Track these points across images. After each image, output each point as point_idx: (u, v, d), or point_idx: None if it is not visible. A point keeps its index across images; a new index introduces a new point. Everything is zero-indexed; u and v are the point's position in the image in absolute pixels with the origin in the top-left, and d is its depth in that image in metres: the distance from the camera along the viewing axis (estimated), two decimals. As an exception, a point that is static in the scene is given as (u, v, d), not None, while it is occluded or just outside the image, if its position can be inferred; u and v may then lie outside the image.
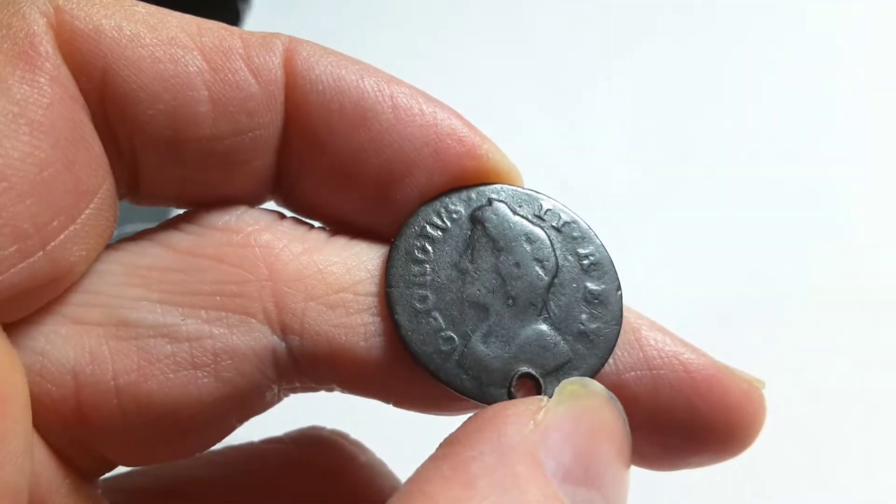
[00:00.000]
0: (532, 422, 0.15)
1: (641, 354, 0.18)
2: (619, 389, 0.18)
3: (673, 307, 0.40)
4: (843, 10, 0.54)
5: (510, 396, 0.17)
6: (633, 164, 0.48)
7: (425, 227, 0.18)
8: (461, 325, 0.18)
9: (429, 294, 0.18)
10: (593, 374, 0.18)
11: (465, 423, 0.16)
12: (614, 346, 0.18)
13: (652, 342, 0.18)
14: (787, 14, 0.55)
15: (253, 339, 0.17)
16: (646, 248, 0.43)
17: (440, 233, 0.18)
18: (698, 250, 0.44)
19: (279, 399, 0.19)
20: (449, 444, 0.15)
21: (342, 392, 0.19)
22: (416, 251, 0.18)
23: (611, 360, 0.18)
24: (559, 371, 0.18)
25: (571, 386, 0.16)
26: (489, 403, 0.17)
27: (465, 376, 0.17)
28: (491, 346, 0.18)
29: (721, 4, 0.56)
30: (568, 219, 0.19)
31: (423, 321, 0.18)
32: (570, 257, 0.19)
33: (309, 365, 0.18)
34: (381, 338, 0.18)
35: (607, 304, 0.18)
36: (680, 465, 0.19)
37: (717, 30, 0.55)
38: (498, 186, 0.19)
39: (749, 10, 0.55)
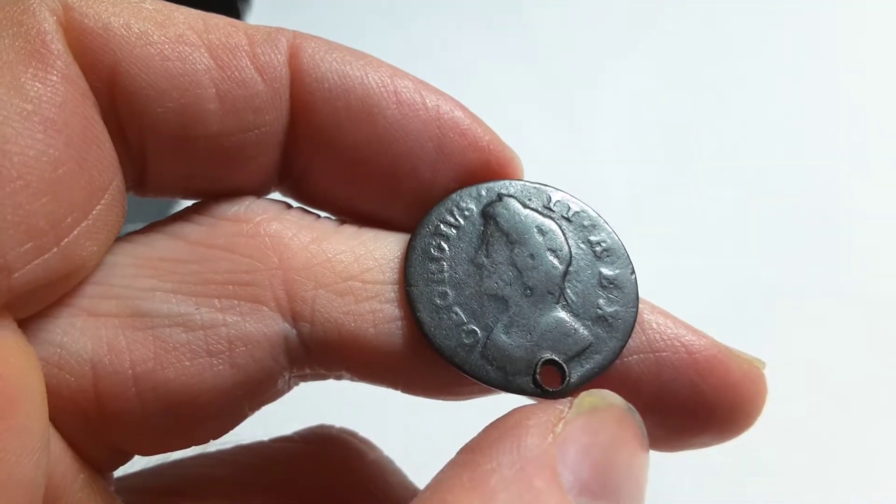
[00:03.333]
0: (551, 434, 0.15)
1: (644, 337, 0.18)
2: (622, 372, 0.18)
3: (672, 306, 0.40)
4: (845, 11, 0.54)
5: (535, 384, 0.18)
6: (634, 162, 0.49)
7: (439, 225, 0.19)
8: (482, 318, 0.18)
9: (448, 290, 0.18)
10: (615, 356, 0.18)
11: (485, 430, 0.16)
12: (633, 327, 0.18)
13: (654, 325, 0.19)
14: (788, 13, 0.55)
15: (265, 326, 0.17)
16: (646, 248, 0.43)
17: (454, 230, 0.19)
18: (698, 249, 0.44)
19: (290, 387, 0.19)
20: (469, 451, 0.15)
21: (351, 380, 0.19)
22: (432, 249, 0.19)
23: None
24: (581, 356, 0.18)
25: (590, 398, 0.17)
26: (515, 392, 0.18)
27: (490, 367, 0.18)
28: (513, 336, 0.18)
29: (723, 3, 0.56)
30: (577, 208, 0.19)
31: (445, 317, 0.18)
32: (582, 245, 0.19)
33: (319, 351, 0.18)
34: (390, 324, 0.18)
35: (623, 288, 0.19)
36: (683, 445, 0.19)
37: (718, 27, 0.55)
38: (507, 182, 0.19)
39: (751, 9, 0.55)
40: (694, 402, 0.18)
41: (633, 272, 0.19)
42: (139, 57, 0.17)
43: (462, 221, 0.19)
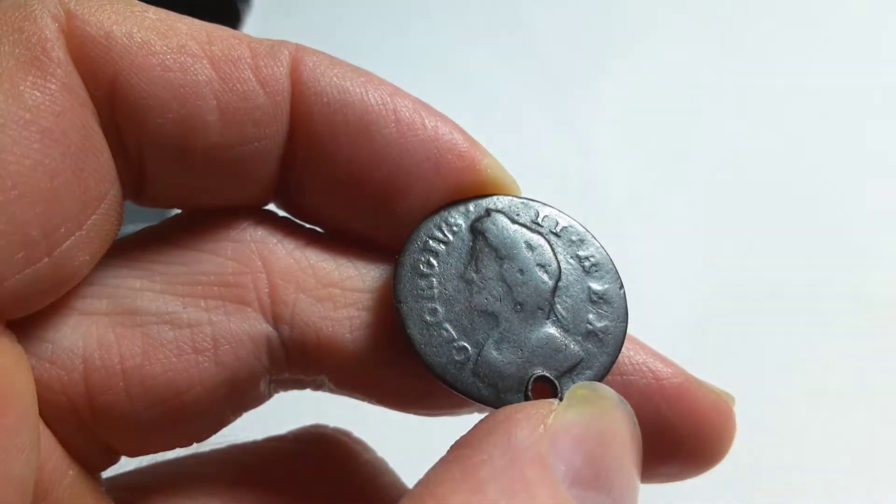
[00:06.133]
0: (542, 425, 0.15)
1: None
2: None
3: (673, 307, 0.40)
4: (845, 11, 0.54)
5: (527, 400, 0.17)
6: (632, 164, 0.49)
7: (428, 241, 0.19)
8: (473, 335, 0.18)
9: (438, 307, 0.18)
10: (606, 371, 0.18)
11: (476, 426, 0.16)
12: (623, 342, 0.18)
13: (623, 350, 0.19)
14: (788, 13, 0.55)
15: (249, 325, 0.18)
16: (645, 249, 0.43)
17: (443, 246, 0.19)
18: (698, 250, 0.44)
19: (270, 394, 0.20)
20: (460, 446, 0.15)
21: (329, 389, 0.20)
22: (420, 265, 0.19)
23: None
24: (573, 371, 0.18)
25: (581, 390, 0.17)
26: None
27: (481, 384, 0.18)
28: (504, 353, 0.18)
29: (722, 3, 0.56)
30: (565, 223, 0.19)
31: (435, 333, 0.18)
32: (571, 260, 0.19)
33: (297, 354, 0.18)
34: (366, 331, 0.18)
35: (612, 303, 0.19)
36: (650, 475, 0.19)
37: (717, 28, 0.55)
38: (495, 197, 0.19)
39: (750, 9, 0.55)
40: (660, 430, 0.18)
41: (621, 287, 0.19)
42: (140, 67, 0.16)
43: (451, 237, 0.19)
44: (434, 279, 0.18)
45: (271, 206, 0.20)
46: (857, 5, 0.54)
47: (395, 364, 0.19)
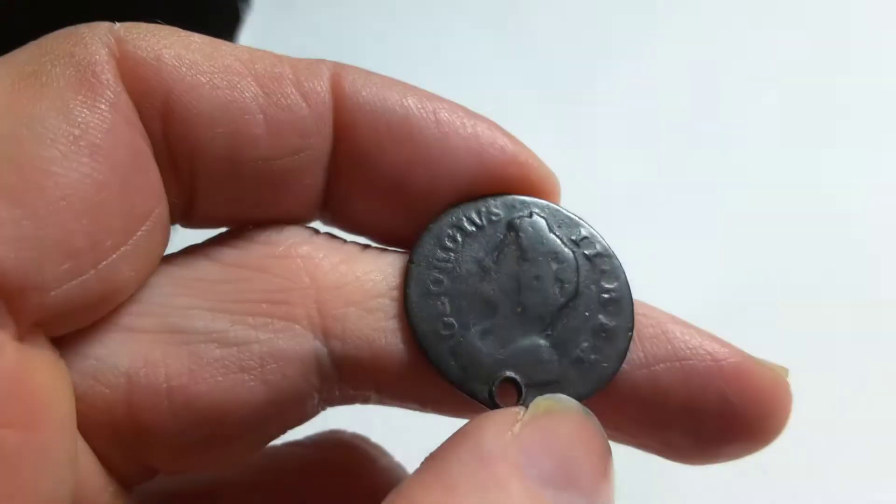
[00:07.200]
0: (510, 432, 0.16)
1: (669, 346, 0.19)
2: (650, 382, 0.18)
3: (672, 307, 0.41)
4: (847, 11, 0.54)
5: (490, 395, 0.18)
6: (634, 163, 0.49)
7: (462, 219, 0.19)
8: (465, 316, 0.18)
9: (444, 279, 0.19)
10: (577, 399, 0.18)
11: (446, 439, 0.16)
12: (607, 381, 0.18)
13: (678, 334, 0.19)
14: (790, 12, 0.55)
15: (297, 343, 0.18)
16: (645, 248, 0.44)
17: (474, 228, 0.19)
18: (698, 250, 0.44)
19: (317, 411, 0.20)
20: (430, 458, 0.16)
21: (378, 401, 0.20)
22: (446, 239, 0.19)
23: (640, 353, 0.19)
24: (543, 387, 0.18)
25: (545, 402, 0.17)
26: (467, 394, 0.18)
27: (453, 362, 0.18)
28: (486, 343, 0.18)
29: (725, 3, 0.56)
30: (602, 251, 0.19)
31: (432, 302, 0.18)
32: (592, 287, 0.19)
33: (350, 369, 0.18)
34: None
35: (613, 341, 0.18)
36: (713, 456, 0.19)
37: (719, 26, 0.55)
38: (545, 202, 0.19)
39: (753, 9, 0.55)
40: (723, 410, 0.18)
41: (630, 330, 0.19)
42: (191, 85, 0.17)
43: (485, 223, 0.19)
44: (453, 255, 0.19)
45: (315, 224, 0.20)
46: (862, 6, 0.55)
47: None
